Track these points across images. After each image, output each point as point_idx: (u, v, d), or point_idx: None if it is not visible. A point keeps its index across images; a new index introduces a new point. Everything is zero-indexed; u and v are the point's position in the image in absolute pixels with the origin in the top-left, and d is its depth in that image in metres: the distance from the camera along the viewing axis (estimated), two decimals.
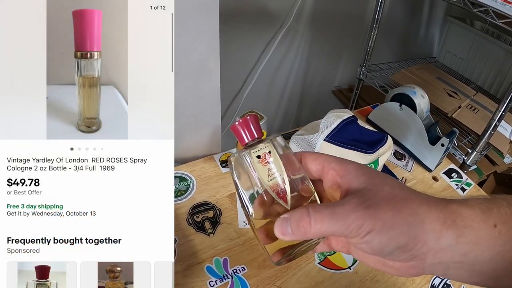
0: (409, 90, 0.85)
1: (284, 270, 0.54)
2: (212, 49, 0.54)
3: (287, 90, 1.27)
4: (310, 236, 0.26)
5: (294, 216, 0.26)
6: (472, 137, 0.97)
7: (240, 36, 1.01)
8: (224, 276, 0.53)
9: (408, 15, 1.41)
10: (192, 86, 0.58)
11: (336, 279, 0.54)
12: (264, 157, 0.30)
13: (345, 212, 0.25)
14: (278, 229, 0.26)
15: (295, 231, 0.26)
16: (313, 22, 1.14)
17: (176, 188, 0.65)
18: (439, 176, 0.80)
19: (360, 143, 0.64)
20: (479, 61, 1.32)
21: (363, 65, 1.12)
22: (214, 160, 0.72)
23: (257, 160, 0.30)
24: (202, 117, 0.64)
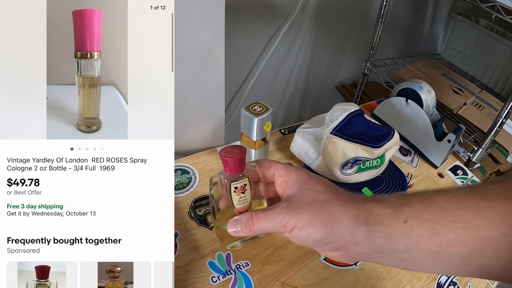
0: (415, 85, 0.83)
1: (289, 266, 0.53)
2: (217, 36, 0.52)
3: (291, 83, 1.26)
4: (253, 232, 0.35)
5: (242, 218, 0.35)
6: (477, 134, 0.96)
7: (244, 28, 0.99)
8: (227, 271, 0.51)
9: (412, 11, 1.39)
10: (196, 74, 0.56)
11: (342, 275, 0.53)
12: (240, 188, 0.39)
13: (274, 214, 0.33)
14: (230, 227, 0.37)
15: (243, 229, 0.35)
16: (318, 16, 1.12)
17: (178, 181, 0.63)
18: (445, 173, 0.79)
19: (367, 137, 0.62)
20: (484, 59, 1.31)
21: (368, 60, 1.11)
22: (217, 152, 0.70)
23: (234, 190, 0.38)
24: (205, 107, 0.62)
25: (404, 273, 0.55)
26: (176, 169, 0.65)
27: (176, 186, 0.62)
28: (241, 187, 0.39)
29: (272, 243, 0.55)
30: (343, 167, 0.63)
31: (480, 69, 1.33)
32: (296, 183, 0.34)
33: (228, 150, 0.38)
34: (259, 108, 0.58)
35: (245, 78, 1.10)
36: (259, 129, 0.57)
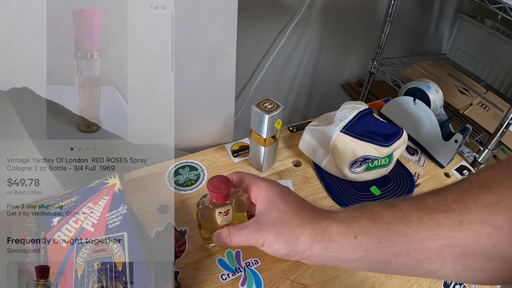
0: (423, 85, 0.83)
1: (298, 264, 0.53)
2: (229, 32, 0.52)
3: (297, 81, 1.25)
4: (233, 244, 0.41)
5: (223, 234, 0.42)
6: (483, 135, 0.96)
7: (251, 24, 0.98)
8: (237, 269, 0.51)
9: (418, 10, 1.39)
10: (206, 70, 0.56)
11: (351, 274, 0.53)
12: (224, 213, 0.45)
13: (246, 233, 0.38)
14: (214, 239, 0.44)
15: (223, 241, 0.42)
16: (325, 14, 1.12)
17: (186, 178, 0.63)
18: (451, 173, 0.79)
19: (376, 136, 0.62)
20: (489, 59, 1.30)
21: (375, 59, 1.10)
22: (225, 149, 0.70)
23: (218, 213, 0.45)
24: (215, 104, 0.62)
25: None
26: (184, 165, 0.65)
27: (184, 183, 0.62)
28: (225, 212, 0.45)
29: None
30: (352, 166, 0.63)
31: (485, 70, 1.32)
32: (264, 201, 0.39)
33: (215, 185, 0.43)
34: (270, 105, 0.57)
35: (252, 74, 1.10)
36: (270, 126, 0.57)
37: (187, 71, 0.54)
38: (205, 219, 0.47)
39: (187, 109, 0.61)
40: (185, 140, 0.69)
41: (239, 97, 1.12)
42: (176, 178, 0.62)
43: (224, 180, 0.44)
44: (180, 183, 0.62)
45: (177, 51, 0.51)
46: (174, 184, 0.61)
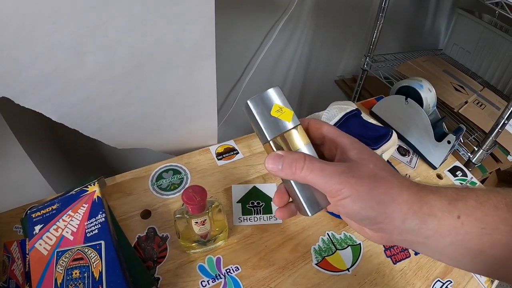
0: (415, 83, 0.81)
1: (280, 271, 0.51)
2: (207, 34, 0.50)
3: (289, 78, 1.23)
4: (296, 177, 0.29)
5: (290, 156, 0.29)
6: (478, 134, 0.94)
7: (241, 21, 0.96)
8: (217, 276, 0.50)
9: (415, 5, 1.36)
10: (186, 74, 0.54)
11: (334, 281, 0.52)
12: (200, 222, 0.45)
13: (333, 172, 0.28)
14: (269, 161, 0.29)
15: (285, 168, 0.29)
16: (317, 9, 1.09)
17: (169, 182, 0.61)
18: (444, 174, 0.77)
19: (364, 138, 0.61)
20: (486, 55, 1.28)
21: (368, 55, 1.08)
22: (210, 152, 0.68)
23: (194, 223, 0.45)
24: (197, 107, 0.60)
25: (399, 278, 0.54)
26: (168, 169, 0.64)
27: (168, 187, 0.61)
28: (201, 222, 0.45)
29: (264, 247, 0.54)
30: None
31: (482, 66, 1.30)
32: (352, 149, 0.30)
33: (190, 196, 0.42)
34: None
35: (242, 72, 1.08)
36: None
37: (166, 75, 0.52)
38: (182, 229, 0.47)
39: (168, 113, 0.59)
40: (169, 143, 0.67)
41: (229, 95, 1.11)
42: (159, 182, 0.61)
43: (199, 191, 0.43)
44: (163, 187, 0.60)
45: (155, 56, 0.49)
46: (157, 188, 0.60)
